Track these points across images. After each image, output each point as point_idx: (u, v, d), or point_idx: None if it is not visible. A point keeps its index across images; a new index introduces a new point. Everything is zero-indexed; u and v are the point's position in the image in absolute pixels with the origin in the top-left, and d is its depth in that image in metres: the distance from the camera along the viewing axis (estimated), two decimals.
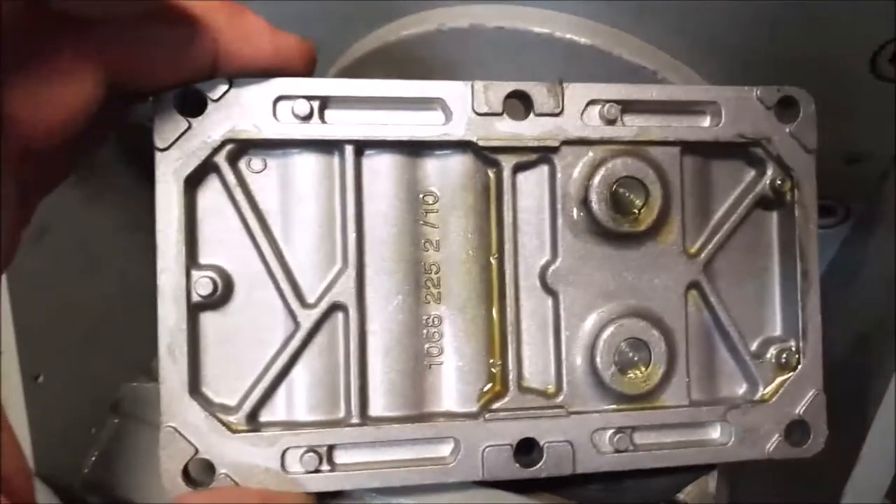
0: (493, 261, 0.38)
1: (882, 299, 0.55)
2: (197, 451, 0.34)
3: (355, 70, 0.52)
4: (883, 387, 0.52)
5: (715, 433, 0.39)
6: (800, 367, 0.39)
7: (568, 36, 0.46)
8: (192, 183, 0.35)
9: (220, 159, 0.35)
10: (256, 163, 0.36)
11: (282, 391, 0.36)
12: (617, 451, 0.37)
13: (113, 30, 0.29)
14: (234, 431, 0.34)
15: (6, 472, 0.27)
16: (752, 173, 0.40)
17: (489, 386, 0.37)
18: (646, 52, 0.47)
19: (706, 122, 0.39)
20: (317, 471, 0.35)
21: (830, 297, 0.61)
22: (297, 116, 0.35)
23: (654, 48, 0.47)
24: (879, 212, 0.58)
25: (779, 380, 0.39)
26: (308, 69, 0.35)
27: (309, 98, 0.35)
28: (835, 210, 0.63)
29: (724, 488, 0.42)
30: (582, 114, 0.37)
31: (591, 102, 0.37)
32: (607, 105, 0.37)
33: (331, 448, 0.35)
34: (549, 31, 0.46)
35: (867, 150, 0.55)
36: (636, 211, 0.38)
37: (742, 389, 0.40)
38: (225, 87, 0.34)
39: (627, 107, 0.38)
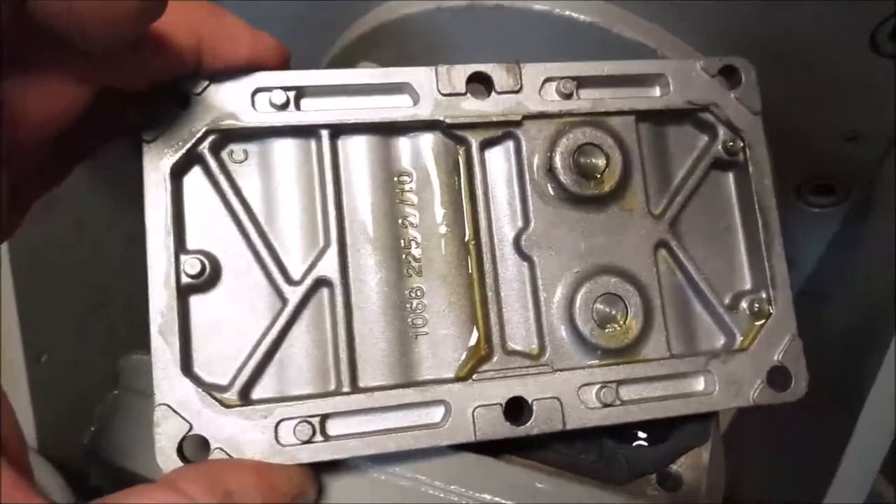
0: (468, 233, 0.40)
1: (881, 278, 0.56)
2: (191, 427, 0.34)
3: (356, 48, 0.52)
4: (879, 363, 0.52)
5: (699, 385, 0.40)
6: (773, 314, 0.41)
7: (567, 13, 0.47)
8: (178, 173, 0.37)
9: (204, 149, 0.37)
10: (238, 153, 0.38)
11: (272, 368, 0.37)
12: (605, 405, 0.38)
13: None
14: (228, 407, 0.35)
15: (5, 436, 0.28)
16: (705, 138, 0.43)
17: (475, 351, 0.38)
18: (645, 29, 0.48)
19: (657, 91, 0.42)
20: (310, 441, 0.35)
21: (831, 274, 0.62)
22: (274, 106, 0.37)
23: (654, 25, 0.48)
24: (879, 191, 0.58)
25: (754, 328, 0.41)
26: (282, 65, 0.38)
27: (285, 89, 0.38)
28: (833, 189, 0.62)
29: (724, 464, 0.42)
30: (540, 90, 0.40)
31: (548, 80, 0.40)
32: (563, 81, 0.40)
33: (324, 418, 0.36)
34: (549, 9, 0.47)
35: (866, 128, 0.55)
36: (598, 175, 0.40)
37: (720, 342, 0.41)
38: (206, 83, 0.37)
39: (582, 82, 0.41)
